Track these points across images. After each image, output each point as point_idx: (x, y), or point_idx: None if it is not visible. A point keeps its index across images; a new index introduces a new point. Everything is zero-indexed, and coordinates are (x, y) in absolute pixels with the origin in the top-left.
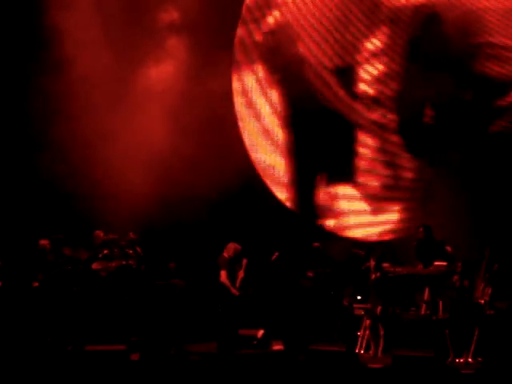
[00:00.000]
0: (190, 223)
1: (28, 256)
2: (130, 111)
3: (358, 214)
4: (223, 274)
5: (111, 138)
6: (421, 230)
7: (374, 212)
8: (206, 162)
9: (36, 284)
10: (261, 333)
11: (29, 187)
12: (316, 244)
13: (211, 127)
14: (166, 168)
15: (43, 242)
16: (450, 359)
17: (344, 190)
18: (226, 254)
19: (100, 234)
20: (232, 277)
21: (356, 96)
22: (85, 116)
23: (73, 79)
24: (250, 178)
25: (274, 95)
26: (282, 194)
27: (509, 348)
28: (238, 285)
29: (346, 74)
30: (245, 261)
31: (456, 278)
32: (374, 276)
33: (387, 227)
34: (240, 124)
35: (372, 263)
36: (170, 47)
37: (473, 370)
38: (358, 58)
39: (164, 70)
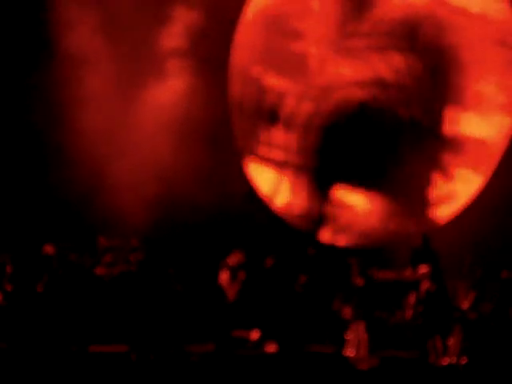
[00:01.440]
0: (189, 230)
1: (33, 261)
2: (135, 125)
3: None
4: (224, 276)
5: (115, 147)
6: (419, 239)
7: None
8: (206, 171)
9: (40, 288)
10: (256, 334)
11: (34, 194)
12: (312, 250)
13: (211, 140)
14: (168, 177)
15: (48, 248)
16: (436, 360)
17: None
18: (229, 261)
19: (103, 240)
20: (230, 281)
21: None
22: (89, 127)
23: (78, 90)
24: (249, 188)
25: None
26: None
27: (492, 351)
28: (234, 290)
29: None
30: (242, 274)
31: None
32: (358, 280)
33: None
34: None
35: (355, 268)
36: (173, 63)
37: (457, 370)
38: None
39: (168, 86)
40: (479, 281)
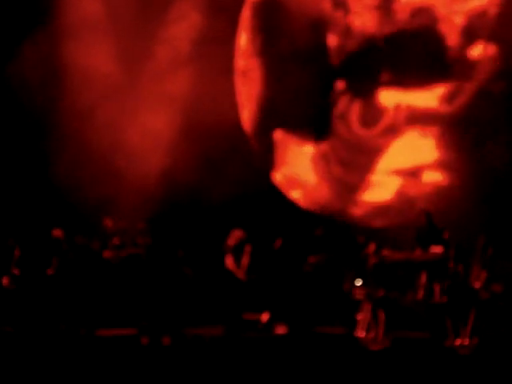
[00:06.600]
0: (198, 211)
1: (43, 245)
2: (140, 115)
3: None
4: (229, 260)
5: (122, 132)
6: (422, 216)
7: None
8: (215, 154)
9: (51, 272)
10: (265, 317)
11: (40, 177)
12: (319, 231)
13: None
14: (176, 160)
15: (57, 232)
16: (447, 341)
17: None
18: (229, 242)
19: (109, 222)
20: (237, 263)
21: None
22: (95, 113)
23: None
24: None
25: None
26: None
27: (503, 330)
28: (243, 271)
29: None
30: (248, 247)
31: (451, 263)
32: (372, 260)
33: None
34: None
35: (371, 248)
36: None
37: (469, 351)
38: None
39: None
40: (491, 260)
